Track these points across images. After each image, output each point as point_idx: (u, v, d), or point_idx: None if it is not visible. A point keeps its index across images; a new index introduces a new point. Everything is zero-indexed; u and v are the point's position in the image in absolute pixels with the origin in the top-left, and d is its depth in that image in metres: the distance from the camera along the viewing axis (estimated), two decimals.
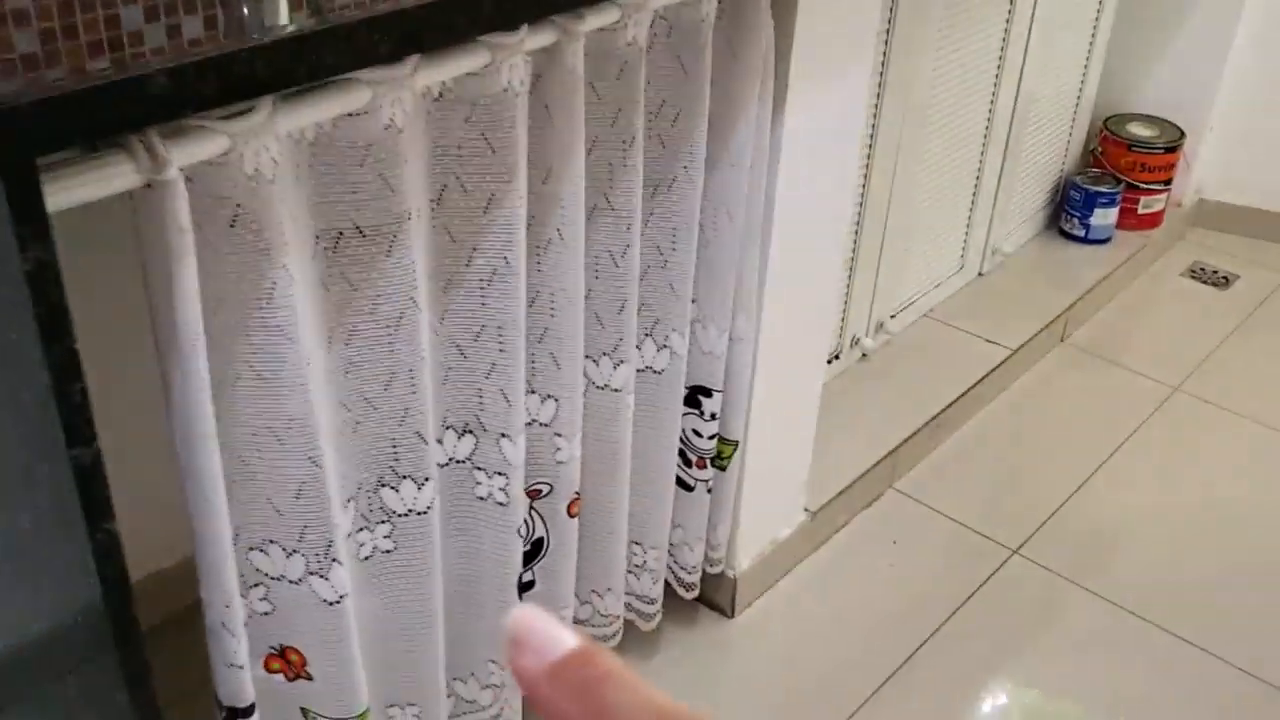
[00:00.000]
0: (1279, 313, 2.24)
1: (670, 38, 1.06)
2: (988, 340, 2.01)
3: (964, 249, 2.11)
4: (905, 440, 1.78)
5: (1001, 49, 1.92)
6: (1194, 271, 2.37)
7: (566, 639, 0.25)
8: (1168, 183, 2.31)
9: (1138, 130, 2.31)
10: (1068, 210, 2.30)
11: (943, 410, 1.85)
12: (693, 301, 1.24)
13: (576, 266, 1.03)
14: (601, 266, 1.10)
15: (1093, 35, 2.20)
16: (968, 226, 2.09)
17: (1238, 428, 1.94)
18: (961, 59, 1.83)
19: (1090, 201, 2.26)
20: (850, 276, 1.81)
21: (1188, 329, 2.19)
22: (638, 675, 0.24)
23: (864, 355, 1.94)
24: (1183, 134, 2.31)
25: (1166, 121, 2.33)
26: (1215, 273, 2.36)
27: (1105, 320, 2.21)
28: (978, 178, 2.04)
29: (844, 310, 1.84)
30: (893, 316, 1.98)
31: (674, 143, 1.11)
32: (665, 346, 1.22)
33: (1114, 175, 2.30)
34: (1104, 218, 2.27)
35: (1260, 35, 2.27)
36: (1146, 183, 2.30)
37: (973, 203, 2.06)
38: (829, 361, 1.87)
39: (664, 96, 1.09)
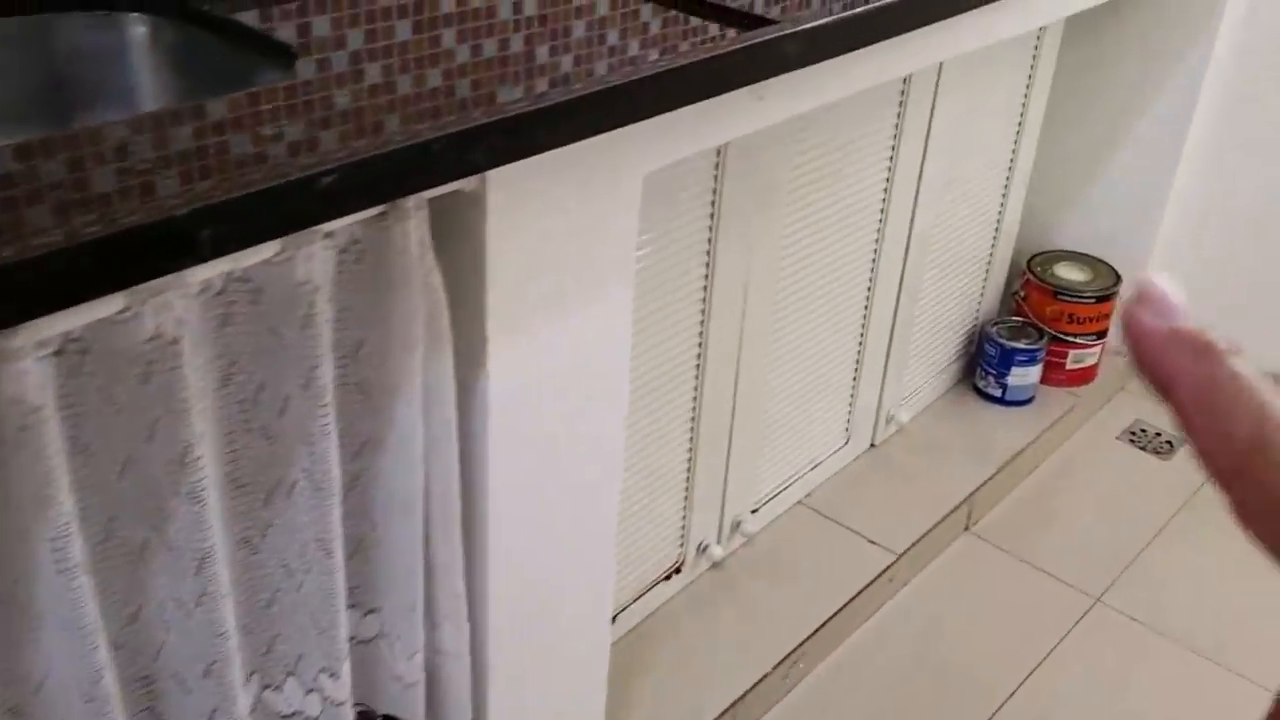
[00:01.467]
0: None
1: (260, 304, 0.73)
2: (871, 541, 1.67)
3: (849, 418, 1.78)
4: (754, 686, 1.44)
5: (886, 185, 1.59)
6: (1133, 434, 2.03)
7: (1188, 313, 0.26)
8: (1102, 334, 1.98)
9: (1066, 273, 1.98)
10: (983, 366, 1.97)
11: (809, 637, 1.51)
12: (371, 613, 0.91)
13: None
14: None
15: (1011, 161, 1.88)
16: (853, 391, 1.75)
17: (1169, 655, 1.60)
18: (836, 200, 1.51)
19: (1007, 359, 1.93)
20: (690, 473, 1.48)
21: (1119, 512, 1.85)
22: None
23: (714, 564, 1.60)
24: (1118, 277, 1.98)
25: (1100, 261, 2.00)
26: (1158, 435, 2.03)
27: (1022, 502, 1.87)
28: (863, 332, 1.70)
29: (685, 514, 1.51)
30: (754, 511, 1.64)
31: (288, 438, 0.78)
32: (314, 690, 0.88)
33: (1037, 327, 1.97)
34: (1023, 377, 1.94)
35: (1210, 160, 1.95)
36: (1075, 335, 1.97)
37: (859, 362, 1.73)
38: (668, 577, 1.53)
39: (261, 379, 0.76)
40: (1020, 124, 1.85)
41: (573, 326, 0.93)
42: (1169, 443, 2.01)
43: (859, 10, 0.97)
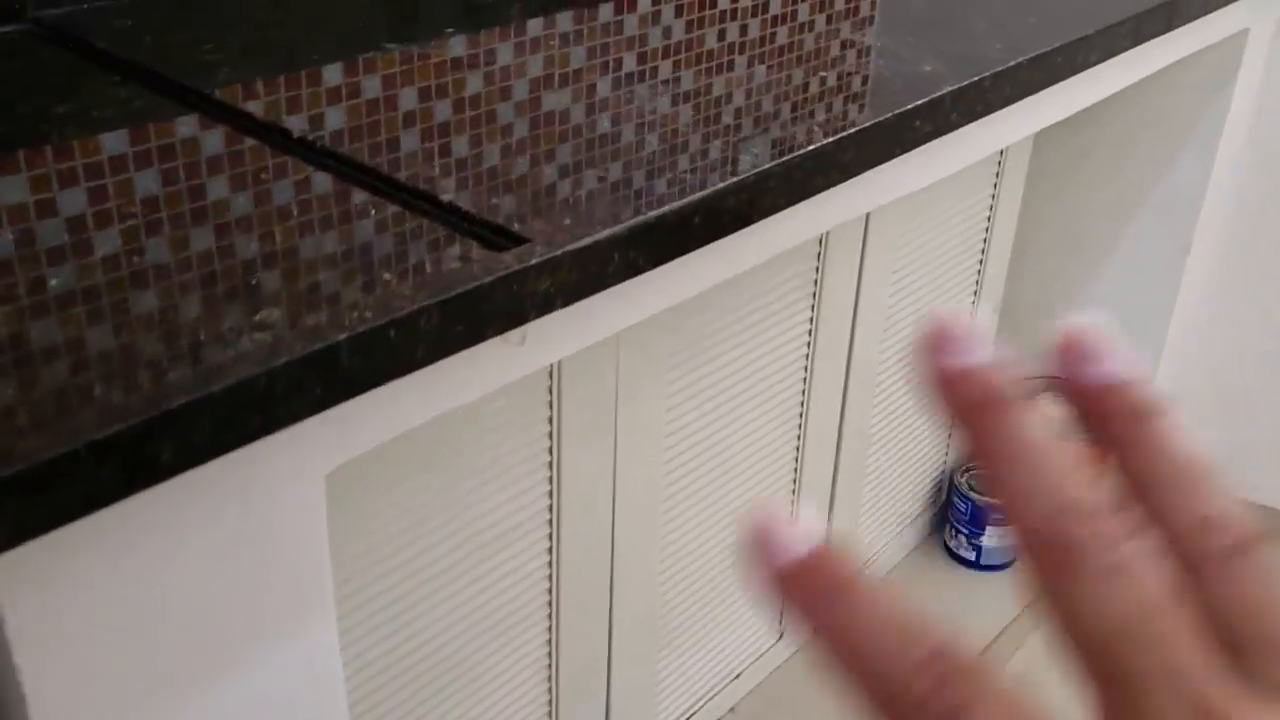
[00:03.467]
0: None
1: None
2: None
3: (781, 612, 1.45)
4: None
5: (812, 309, 1.27)
6: None
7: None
8: None
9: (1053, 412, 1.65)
10: (953, 523, 1.64)
11: None
12: None
13: None
14: None
15: (976, 287, 1.56)
16: None
17: None
18: (745, 358, 1.19)
19: (978, 517, 1.60)
20: (552, 706, 1.15)
21: None
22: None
23: None
24: None
25: None
26: None
27: None
28: (794, 484, 1.38)
29: None
30: None
31: None
32: None
33: None
34: (1001, 538, 1.61)
35: (1218, 285, 1.62)
36: None
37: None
38: None
39: None
40: (984, 248, 1.53)
41: (248, 684, 0.61)
42: None
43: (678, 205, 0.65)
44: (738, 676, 1.41)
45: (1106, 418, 0.23)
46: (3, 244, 0.57)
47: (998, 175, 1.49)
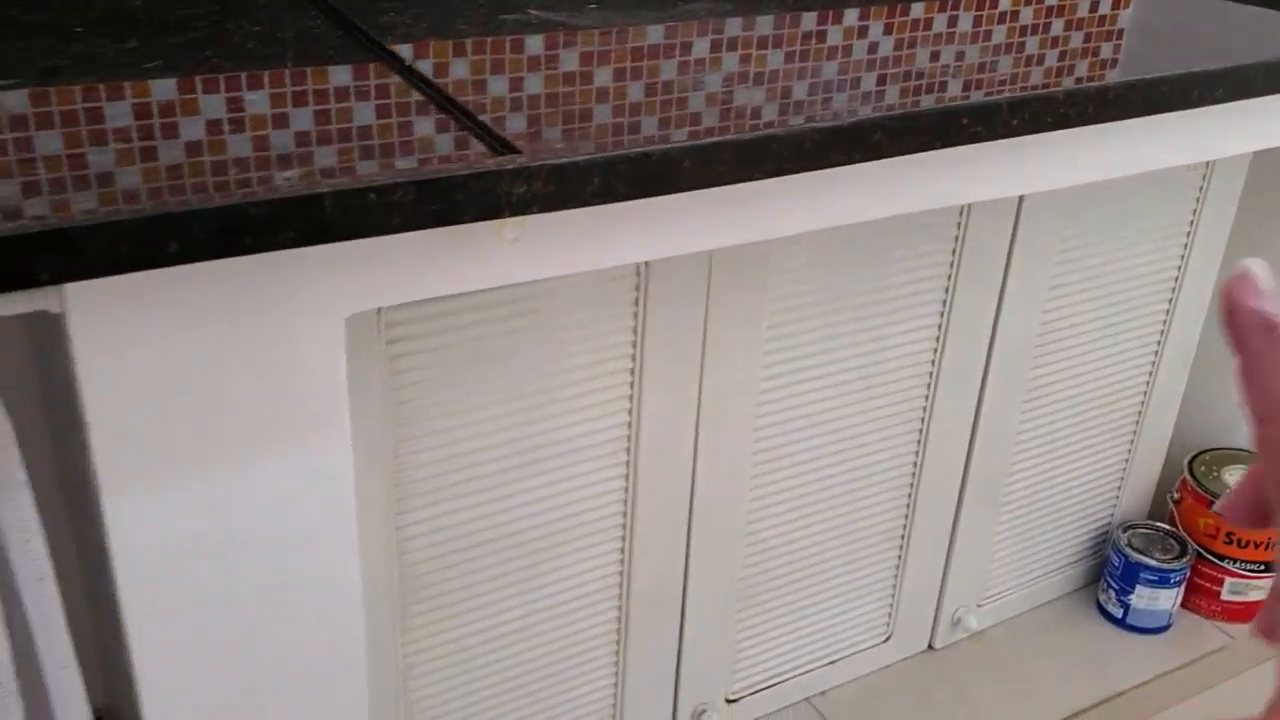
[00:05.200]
0: None
1: None
2: None
3: (892, 610, 1.49)
4: None
5: (939, 333, 1.32)
6: None
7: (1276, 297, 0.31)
8: (1270, 566, 1.56)
9: (1234, 480, 1.57)
10: (1106, 577, 1.60)
11: None
12: None
13: None
14: None
15: (1164, 327, 1.51)
16: (896, 578, 1.47)
17: None
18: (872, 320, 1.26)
19: (1131, 574, 1.55)
20: (620, 640, 1.27)
21: None
22: None
23: None
24: None
25: None
26: None
27: None
28: (910, 504, 1.42)
29: (616, 683, 1.30)
30: (731, 701, 1.40)
31: None
32: None
33: (1180, 540, 1.57)
34: (1150, 599, 1.55)
35: None
36: (1235, 559, 1.55)
37: (904, 540, 1.44)
38: None
39: None
40: (1181, 265, 1.48)
41: (242, 483, 0.79)
42: None
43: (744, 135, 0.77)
44: (833, 662, 1.47)
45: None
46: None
47: (1201, 191, 1.45)
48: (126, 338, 0.72)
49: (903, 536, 1.44)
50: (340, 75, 0.87)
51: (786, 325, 1.19)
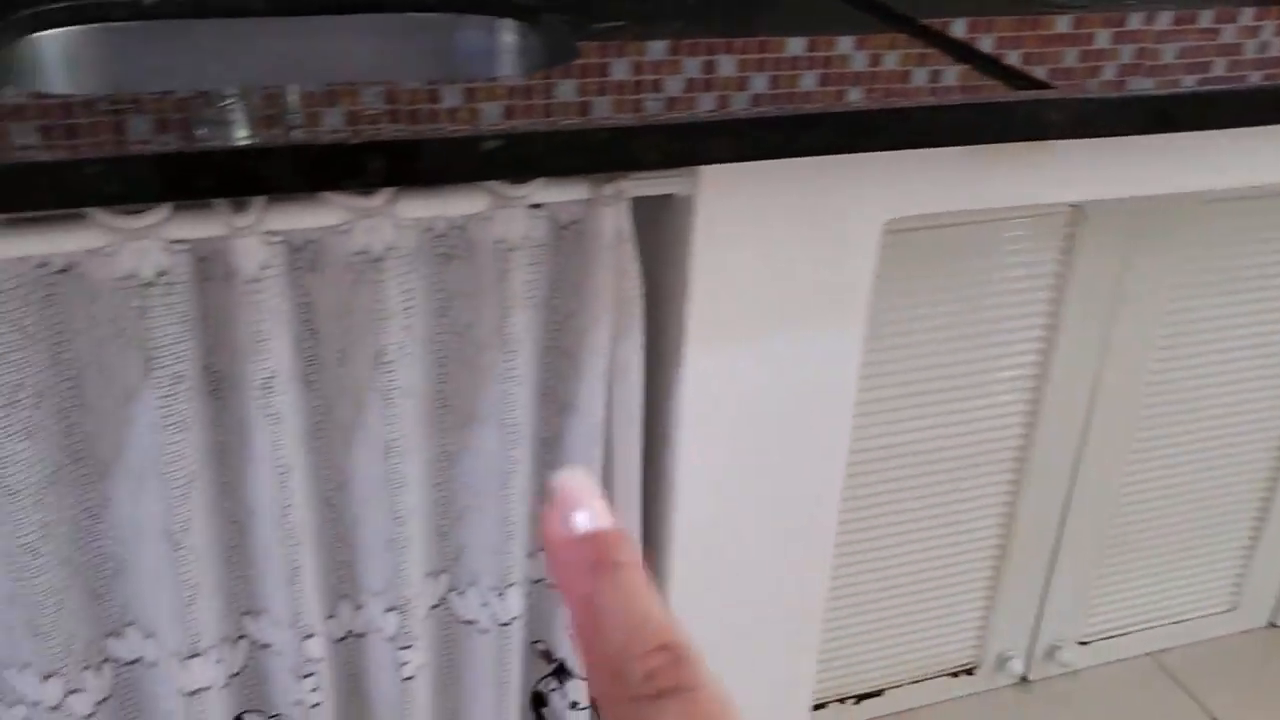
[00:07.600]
0: None
1: (471, 254, 0.88)
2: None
3: (1239, 583, 1.56)
4: None
5: None
6: None
7: (603, 517, 0.25)
8: None
9: None
10: None
11: None
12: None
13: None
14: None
15: None
16: (1249, 551, 1.54)
17: None
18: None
19: None
20: (997, 568, 1.40)
21: None
22: (646, 580, 0.24)
23: (1019, 681, 1.49)
24: None
25: None
26: None
27: None
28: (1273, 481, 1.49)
29: (985, 613, 1.43)
30: (1082, 643, 1.51)
31: (485, 376, 0.92)
32: (487, 604, 1.01)
33: None
34: None
35: None
36: None
37: (1261, 517, 1.52)
38: (955, 674, 1.47)
39: (469, 319, 0.90)
40: None
41: (783, 354, 0.98)
42: None
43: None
44: (1178, 622, 1.55)
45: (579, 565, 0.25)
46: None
47: None
48: (733, 221, 0.91)
49: (1260, 512, 1.51)
50: (882, 40, 1.06)
51: (1191, 289, 1.30)
